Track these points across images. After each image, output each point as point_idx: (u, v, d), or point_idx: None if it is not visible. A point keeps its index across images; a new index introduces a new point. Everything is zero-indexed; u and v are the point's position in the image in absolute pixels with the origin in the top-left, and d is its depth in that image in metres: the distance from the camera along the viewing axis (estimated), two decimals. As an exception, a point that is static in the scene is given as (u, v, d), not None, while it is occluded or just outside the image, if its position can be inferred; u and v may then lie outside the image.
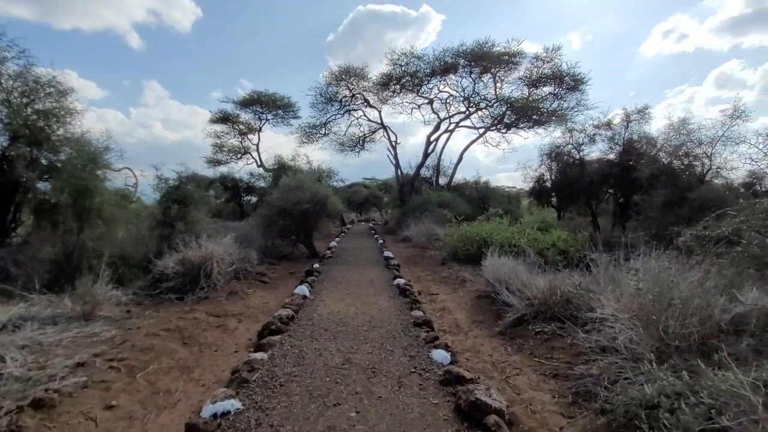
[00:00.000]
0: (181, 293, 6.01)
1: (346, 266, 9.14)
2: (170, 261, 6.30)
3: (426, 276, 8.10)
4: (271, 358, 3.59)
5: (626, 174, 12.87)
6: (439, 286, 7.09)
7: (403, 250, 12.21)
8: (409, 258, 10.54)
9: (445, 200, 17.58)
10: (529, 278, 5.15)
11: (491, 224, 9.27)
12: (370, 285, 7.01)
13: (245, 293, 6.45)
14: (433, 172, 23.06)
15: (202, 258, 6.33)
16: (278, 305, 5.78)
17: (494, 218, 10.17)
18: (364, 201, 32.99)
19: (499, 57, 19.54)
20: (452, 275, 7.88)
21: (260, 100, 24.49)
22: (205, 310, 5.31)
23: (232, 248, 7.35)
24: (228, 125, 26.13)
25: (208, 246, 6.51)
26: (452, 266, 8.79)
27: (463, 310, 5.56)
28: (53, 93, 8.24)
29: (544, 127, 18.67)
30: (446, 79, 20.38)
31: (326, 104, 20.74)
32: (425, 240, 12.27)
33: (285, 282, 7.60)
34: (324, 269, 8.68)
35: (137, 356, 3.71)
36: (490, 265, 5.98)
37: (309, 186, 10.65)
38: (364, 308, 5.46)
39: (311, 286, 6.66)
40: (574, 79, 19.51)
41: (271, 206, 10.64)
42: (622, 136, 12.91)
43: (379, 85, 19.54)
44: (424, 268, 8.96)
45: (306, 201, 10.30)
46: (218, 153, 26.57)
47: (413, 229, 13.88)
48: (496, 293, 5.30)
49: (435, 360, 3.56)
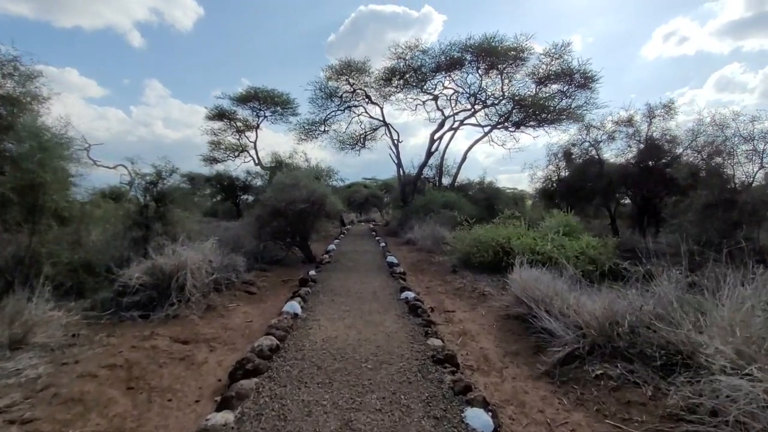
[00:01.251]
0: (147, 310, 4.93)
1: (345, 273, 8.06)
2: (136, 270, 5.22)
3: (437, 286, 7.03)
4: (239, 422, 2.51)
5: (648, 173, 11.84)
6: (454, 301, 6.02)
7: (407, 254, 11.13)
8: (414, 264, 9.47)
9: (449, 201, 16.54)
10: (576, 299, 4.09)
11: (508, 228, 8.21)
12: (373, 298, 5.94)
13: (226, 309, 5.37)
14: (436, 171, 22.00)
15: (174, 267, 5.25)
16: (264, 324, 4.72)
17: (509, 221, 9.10)
18: (364, 201, 31.92)
19: (507, 52, 18.52)
20: (467, 286, 6.81)
21: (258, 96, 23.38)
22: (171, 334, 4.23)
23: (214, 254, 6.28)
24: (225, 122, 25.09)
25: (183, 252, 5.42)
26: (465, 275, 7.72)
27: (490, 335, 4.48)
28: (15, 76, 7.18)
29: (554, 126, 17.58)
30: (451, 75, 19.33)
31: (326, 100, 19.65)
32: (431, 244, 11.20)
33: (275, 293, 6.52)
34: (321, 277, 7.60)
35: (54, 414, 2.63)
36: (520, 279, 4.91)
37: (306, 184, 9.58)
38: (367, 332, 4.38)
39: (304, 301, 5.58)
40: (584, 76, 18.48)
41: (264, 206, 9.57)
42: (644, 132, 11.84)
43: (382, 80, 18.46)
44: (433, 277, 7.88)
45: (302, 200, 9.23)
46: (215, 150, 25.54)
47: (417, 231, 12.81)
48: (532, 316, 4.23)
49: (472, 427, 2.48)
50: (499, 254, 7.51)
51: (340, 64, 18.24)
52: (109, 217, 7.85)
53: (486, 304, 5.69)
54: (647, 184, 12.05)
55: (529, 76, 19.63)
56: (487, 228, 8.54)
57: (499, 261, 7.55)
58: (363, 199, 31.60)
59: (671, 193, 12.02)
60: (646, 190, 12.23)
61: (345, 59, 18.13)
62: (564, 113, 17.23)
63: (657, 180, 11.72)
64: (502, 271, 7.50)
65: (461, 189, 21.74)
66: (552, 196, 19.05)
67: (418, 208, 16.85)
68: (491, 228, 8.44)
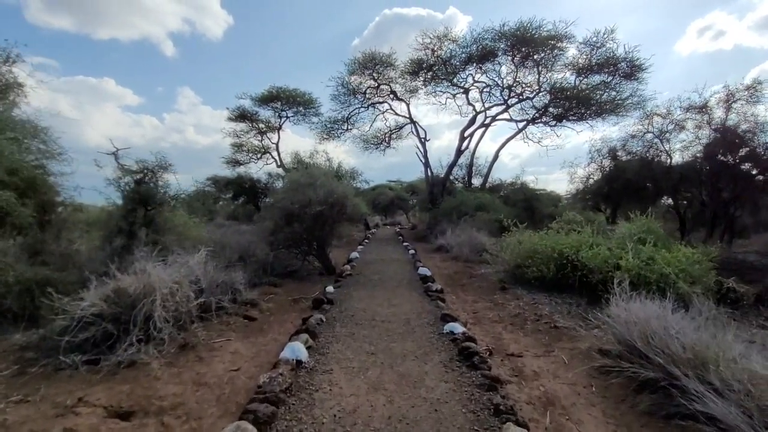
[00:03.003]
0: (99, 352, 3.55)
1: (369, 290, 6.53)
2: (94, 295, 3.86)
3: (485, 310, 5.40)
4: None
5: (725, 169, 9.81)
6: (515, 335, 4.38)
7: (441, 264, 9.51)
8: (452, 277, 7.85)
9: (483, 203, 14.82)
10: (741, 354, 2.42)
11: (574, 235, 6.47)
12: (406, 332, 4.38)
13: (210, 346, 3.93)
14: (466, 171, 20.24)
15: (141, 291, 3.86)
16: (256, 373, 3.28)
17: (567, 225, 7.35)
18: (389, 203, 30.41)
19: (544, 42, 16.64)
20: (526, 312, 5.16)
21: (279, 96, 22.30)
22: (109, 400, 2.80)
23: (203, 270, 4.87)
24: (247, 124, 24.19)
25: (152, 271, 4.02)
26: (518, 294, 6.06)
27: (593, 407, 2.83)
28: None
29: (601, 118, 15.55)
30: (483, 67, 17.58)
31: (349, 96, 18.26)
32: (469, 252, 9.54)
33: (281, 318, 5.07)
34: (339, 295, 6.11)
35: None
36: (628, 315, 3.24)
37: (323, 183, 8.13)
38: (402, 399, 2.83)
39: (314, 337, 4.06)
40: (631, 65, 16.37)
41: (276, 209, 8.18)
42: (722, 120, 9.80)
43: (408, 73, 16.90)
44: (478, 295, 6.25)
45: (319, 202, 7.78)
46: (237, 153, 24.68)
47: (451, 237, 11.16)
48: (670, 382, 2.57)
49: None
50: (565, 269, 5.81)
51: (363, 57, 16.81)
52: (97, 222, 6.68)
53: (565, 343, 4.03)
54: (724, 182, 10.00)
55: (567, 66, 17.72)
56: (544, 235, 6.83)
57: (564, 278, 5.86)
58: (388, 201, 30.10)
59: (752, 193, 9.97)
60: (723, 189, 10.17)
61: (369, 52, 16.69)
62: (611, 105, 15.18)
63: (736, 177, 9.69)
64: (570, 291, 5.82)
65: (493, 190, 19.93)
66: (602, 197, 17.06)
67: (449, 210, 15.20)
68: (550, 235, 6.72)
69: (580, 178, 18.78)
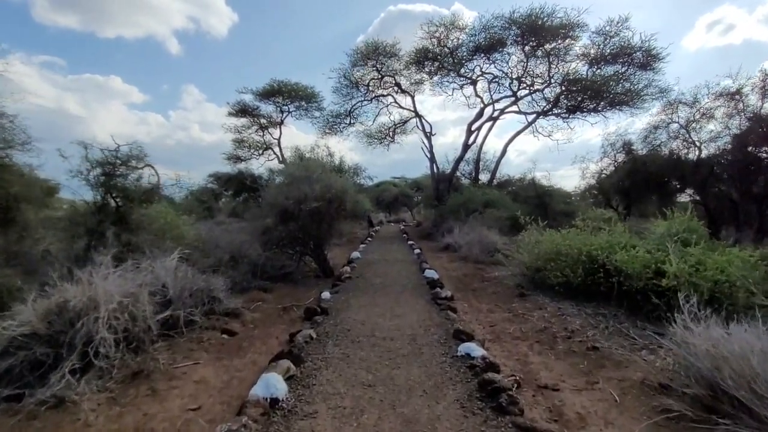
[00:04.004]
0: (25, 384, 2.80)
1: (370, 297, 5.75)
2: (27, 311, 3.11)
3: (505, 323, 4.59)
4: None
5: (759, 162, 8.91)
6: (546, 358, 3.57)
7: (448, 264, 8.71)
8: (462, 280, 7.04)
9: (492, 199, 13.96)
10: None
11: (603, 235, 5.62)
12: (413, 353, 3.59)
13: (169, 373, 3.17)
14: (473, 167, 19.36)
15: (82, 307, 3.10)
16: (220, 412, 2.52)
17: (593, 223, 6.50)
18: (393, 200, 29.62)
19: (556, 30, 15.70)
20: (553, 325, 4.36)
21: (281, 90, 21.51)
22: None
23: (172, 277, 4.11)
24: (248, 119, 23.47)
25: (98, 282, 3.25)
26: (540, 302, 5.26)
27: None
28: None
29: (617, 109, 14.61)
30: (491, 57, 16.67)
31: (351, 89, 17.43)
32: (479, 252, 8.73)
33: (266, 333, 4.30)
34: (336, 303, 5.33)
35: None
36: (706, 348, 2.43)
37: (321, 177, 7.34)
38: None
39: (298, 362, 3.27)
40: (648, 54, 15.38)
41: (270, 206, 7.40)
42: (757, 108, 8.89)
43: (413, 63, 16.02)
44: (494, 303, 5.44)
45: (316, 197, 7.00)
46: (239, 149, 23.98)
47: (459, 235, 10.34)
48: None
49: None
50: (595, 273, 4.99)
51: (366, 47, 15.96)
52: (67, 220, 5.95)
53: (610, 370, 3.22)
54: (755, 176, 9.10)
55: (580, 57, 16.77)
56: (567, 233, 6.00)
57: (593, 284, 5.04)
58: (392, 198, 29.31)
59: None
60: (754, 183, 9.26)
61: (372, 41, 15.82)
62: (628, 95, 14.23)
63: None
64: (601, 300, 5.00)
65: (501, 186, 19.05)
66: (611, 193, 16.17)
67: (456, 207, 14.37)
68: (574, 234, 5.88)
69: (592, 173, 17.92)
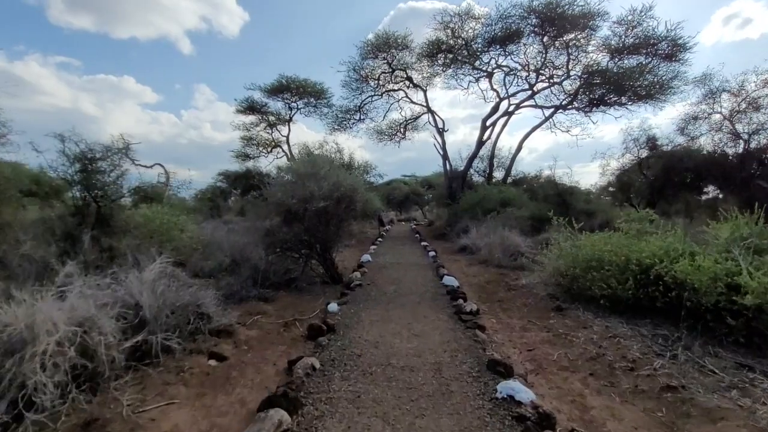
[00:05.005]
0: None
1: (383, 309, 5.01)
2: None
3: (546, 347, 3.81)
4: None
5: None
6: (609, 400, 2.79)
7: (467, 269, 7.93)
8: (485, 288, 6.26)
9: (509, 197, 13.10)
10: None
11: (656, 240, 4.78)
12: (438, 391, 2.84)
13: (132, 421, 2.47)
14: (488, 164, 18.47)
15: (18, 338, 2.41)
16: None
17: (635, 224, 5.65)
18: (404, 199, 28.84)
19: (576, 19, 14.74)
20: (606, 349, 3.57)
21: (289, 86, 20.86)
22: None
23: (148, 293, 3.41)
24: (257, 116, 22.91)
25: (41, 307, 2.56)
26: (583, 318, 4.47)
27: None
28: None
29: (645, 101, 13.61)
30: (507, 49, 15.75)
31: (361, 83, 16.66)
32: (501, 254, 7.93)
33: (260, 357, 3.59)
34: (345, 318, 4.61)
35: None
36: None
37: (328, 174, 6.62)
38: None
39: (294, 408, 2.54)
40: (673, 44, 14.32)
41: (274, 205, 6.69)
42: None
43: (425, 56, 15.19)
44: (528, 319, 4.65)
45: (323, 197, 6.29)
46: (247, 146, 23.43)
47: (476, 236, 9.55)
48: None
49: None
50: (651, 286, 4.18)
51: (377, 39, 15.17)
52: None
53: (702, 424, 2.44)
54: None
55: (600, 48, 15.76)
56: (608, 237, 5.17)
57: (648, 297, 4.23)
58: (403, 196, 28.53)
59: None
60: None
61: (383, 32, 15.03)
62: (655, 87, 13.23)
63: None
64: (658, 316, 4.19)
65: (516, 184, 18.13)
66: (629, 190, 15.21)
67: (470, 206, 13.56)
68: (618, 238, 5.06)
69: (613, 170, 16.95)
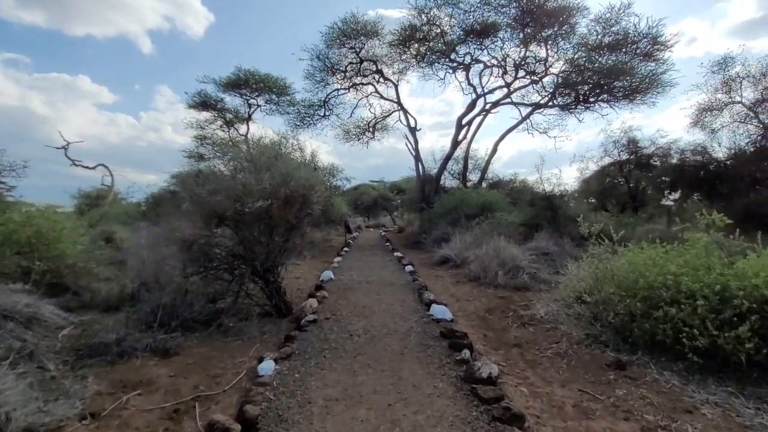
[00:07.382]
0: None
1: (347, 374, 3.09)
2: None
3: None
4: None
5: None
6: None
7: (455, 288, 6.14)
8: (488, 322, 4.47)
9: (490, 202, 11.52)
10: None
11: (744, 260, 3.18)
12: None
13: None
14: (462, 166, 16.98)
15: None
16: None
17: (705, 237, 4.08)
18: (372, 204, 26.94)
19: (556, 13, 13.63)
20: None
21: (248, 81, 18.55)
22: None
23: None
24: (212, 113, 20.45)
25: None
26: (667, 386, 2.74)
27: None
28: None
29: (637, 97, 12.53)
30: (484, 44, 14.36)
31: (326, 74, 14.72)
32: (498, 270, 6.20)
33: None
34: (281, 397, 2.64)
35: None
36: None
37: (271, 162, 4.64)
38: None
39: None
40: (654, 42, 13.46)
41: (198, 206, 4.62)
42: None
43: (398, 44, 13.47)
44: (577, 387, 2.90)
45: (264, 194, 4.31)
46: (201, 146, 20.84)
47: (460, 246, 7.82)
48: None
49: None
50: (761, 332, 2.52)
51: (344, 23, 13.28)
52: None
53: None
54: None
55: (575, 47, 14.72)
56: (675, 252, 3.53)
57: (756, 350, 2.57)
58: (371, 201, 26.64)
59: None
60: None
61: (351, 17, 13.15)
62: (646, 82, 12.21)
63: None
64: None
65: (492, 187, 16.75)
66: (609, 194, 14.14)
67: (447, 210, 11.91)
68: (693, 254, 3.42)
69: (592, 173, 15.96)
